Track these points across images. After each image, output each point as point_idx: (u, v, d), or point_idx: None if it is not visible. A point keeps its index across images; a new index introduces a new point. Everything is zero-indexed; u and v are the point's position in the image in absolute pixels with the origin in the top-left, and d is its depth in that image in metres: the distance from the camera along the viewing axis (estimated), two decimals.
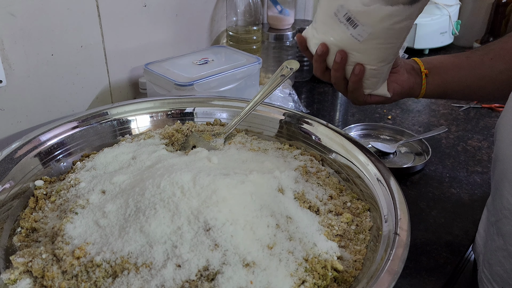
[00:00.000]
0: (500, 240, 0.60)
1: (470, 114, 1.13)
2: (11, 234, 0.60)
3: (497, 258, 0.61)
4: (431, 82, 0.74)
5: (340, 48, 0.67)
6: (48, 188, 0.68)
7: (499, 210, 0.60)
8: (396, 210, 0.58)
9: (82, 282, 0.50)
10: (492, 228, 0.62)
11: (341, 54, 0.67)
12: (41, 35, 0.83)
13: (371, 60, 0.67)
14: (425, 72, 0.74)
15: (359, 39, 0.64)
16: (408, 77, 0.74)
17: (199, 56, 1.00)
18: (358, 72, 0.67)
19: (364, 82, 0.70)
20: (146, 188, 0.58)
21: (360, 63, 0.67)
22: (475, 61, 0.73)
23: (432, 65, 0.75)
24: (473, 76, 0.73)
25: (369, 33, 0.63)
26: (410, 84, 0.74)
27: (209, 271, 0.51)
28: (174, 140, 0.78)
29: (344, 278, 0.54)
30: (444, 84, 0.74)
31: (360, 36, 0.64)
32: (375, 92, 0.71)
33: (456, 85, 0.74)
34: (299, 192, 0.65)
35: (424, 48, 1.52)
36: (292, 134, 0.81)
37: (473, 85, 0.73)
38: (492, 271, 0.62)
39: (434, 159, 0.93)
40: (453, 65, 0.74)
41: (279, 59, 1.23)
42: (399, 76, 0.73)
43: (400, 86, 0.73)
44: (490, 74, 0.72)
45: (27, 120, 0.87)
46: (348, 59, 0.67)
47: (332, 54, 0.68)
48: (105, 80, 0.98)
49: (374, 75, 0.69)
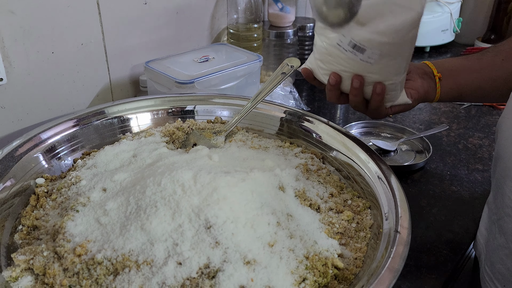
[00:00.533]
0: (502, 238, 0.60)
1: (471, 112, 1.13)
2: (13, 232, 0.60)
3: (499, 256, 0.61)
4: (445, 86, 0.73)
5: (353, 73, 0.65)
6: (49, 186, 0.68)
7: (501, 209, 0.59)
8: (397, 207, 0.58)
9: (84, 280, 0.50)
10: (494, 226, 0.62)
11: (358, 79, 0.65)
12: (41, 33, 0.83)
13: (388, 76, 0.65)
14: (438, 75, 0.73)
15: (370, 62, 0.63)
16: (422, 82, 0.73)
17: (200, 54, 1.00)
18: (380, 91, 0.66)
19: (385, 98, 0.68)
20: (147, 186, 0.58)
21: (379, 82, 0.65)
22: (487, 63, 0.73)
23: (444, 68, 0.74)
24: (485, 78, 0.72)
25: (379, 54, 0.62)
26: (425, 89, 0.73)
27: (210, 269, 0.51)
28: (175, 138, 0.78)
29: (345, 276, 0.54)
30: (457, 87, 0.73)
31: (370, 59, 0.62)
32: (396, 102, 0.70)
33: (470, 87, 0.73)
34: (299, 190, 0.65)
35: (425, 45, 1.51)
36: (293, 132, 0.81)
37: (486, 87, 0.73)
38: (494, 269, 0.62)
39: (435, 157, 0.93)
40: (464, 67, 0.74)
41: (280, 57, 1.23)
42: (413, 83, 0.72)
43: (416, 92, 0.72)
44: (502, 76, 0.71)
45: (28, 118, 0.87)
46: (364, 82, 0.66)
47: (345, 80, 0.67)
48: (105, 78, 0.98)
49: (393, 89, 0.67)
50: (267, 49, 1.23)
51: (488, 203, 0.67)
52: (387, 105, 0.70)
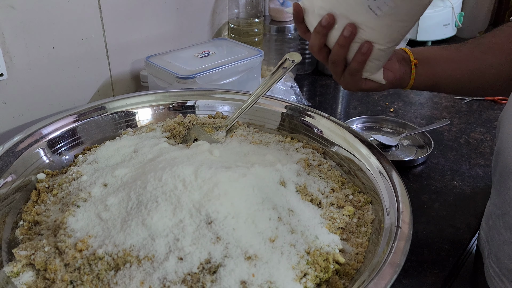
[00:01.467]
0: (508, 234, 0.59)
1: (473, 107, 1.12)
2: (14, 227, 0.61)
3: (505, 252, 0.60)
4: (421, 73, 0.71)
5: (350, 21, 0.60)
6: (50, 181, 0.68)
7: (506, 204, 0.59)
8: (398, 203, 0.58)
9: (85, 275, 0.51)
10: (498, 222, 0.62)
11: (351, 28, 0.60)
12: (41, 28, 0.83)
13: (382, 38, 0.61)
14: (415, 62, 0.71)
15: (377, 12, 0.57)
16: (399, 66, 0.70)
17: (201, 48, 1.00)
18: (366, 51, 0.61)
19: (367, 64, 0.64)
20: (148, 181, 0.58)
21: (369, 41, 0.61)
22: (465, 54, 0.71)
23: (422, 55, 0.72)
24: (463, 69, 0.71)
25: (391, 6, 0.57)
26: (401, 74, 0.70)
27: (211, 264, 0.51)
28: (175, 133, 0.78)
29: (346, 271, 0.54)
30: (433, 76, 0.72)
31: (378, 10, 0.57)
32: (372, 77, 0.66)
33: (445, 77, 0.72)
34: (301, 185, 0.65)
35: (427, 40, 1.51)
36: (294, 127, 0.81)
37: (463, 79, 0.71)
38: (501, 265, 0.62)
39: (437, 152, 0.93)
40: (442, 57, 0.72)
41: (281, 52, 1.22)
42: (392, 64, 0.69)
43: (393, 74, 0.69)
44: (480, 68, 0.70)
45: (29, 113, 0.87)
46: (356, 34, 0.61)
47: (337, 29, 0.61)
48: (106, 73, 0.98)
49: (379, 57, 0.63)
50: (268, 44, 1.22)
51: (491, 198, 0.66)
52: (364, 74, 0.66)
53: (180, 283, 0.49)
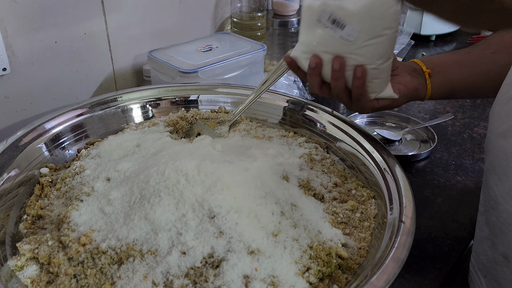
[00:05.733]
0: (486, 230, 0.60)
1: (477, 101, 1.12)
2: (17, 221, 0.61)
3: (482, 248, 0.61)
4: (435, 82, 0.71)
5: (334, 55, 0.62)
6: (53, 175, 0.68)
7: (487, 201, 0.60)
8: (401, 197, 0.58)
9: (88, 269, 0.51)
10: (481, 218, 0.62)
11: (338, 61, 0.61)
12: (44, 22, 0.83)
13: (369, 59, 0.62)
14: (428, 71, 0.70)
15: (350, 39, 0.59)
16: (410, 78, 0.70)
17: (203, 43, 1.00)
18: (360, 74, 0.62)
19: (368, 86, 0.65)
20: (151, 175, 0.58)
21: (360, 65, 0.62)
22: (477, 57, 0.71)
23: (433, 64, 0.71)
24: (476, 72, 0.70)
25: (358, 30, 0.59)
26: (414, 85, 0.70)
27: (214, 258, 0.51)
28: (178, 127, 0.78)
29: (349, 266, 0.54)
30: (449, 84, 0.71)
31: (350, 36, 0.59)
32: (381, 95, 0.67)
33: (461, 82, 0.71)
34: (303, 180, 0.65)
35: (431, 34, 1.50)
36: (296, 122, 0.80)
37: (478, 82, 0.71)
38: (478, 260, 0.63)
39: (440, 146, 0.93)
40: (455, 62, 0.72)
41: (284, 46, 1.22)
42: (401, 78, 0.69)
43: (405, 87, 0.69)
44: (493, 69, 0.69)
45: (32, 108, 0.87)
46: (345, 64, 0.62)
47: (327, 65, 0.63)
48: (109, 67, 0.98)
49: (376, 76, 0.64)
50: (271, 38, 1.22)
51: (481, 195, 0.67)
52: (371, 96, 0.66)
53: (183, 277, 0.50)
